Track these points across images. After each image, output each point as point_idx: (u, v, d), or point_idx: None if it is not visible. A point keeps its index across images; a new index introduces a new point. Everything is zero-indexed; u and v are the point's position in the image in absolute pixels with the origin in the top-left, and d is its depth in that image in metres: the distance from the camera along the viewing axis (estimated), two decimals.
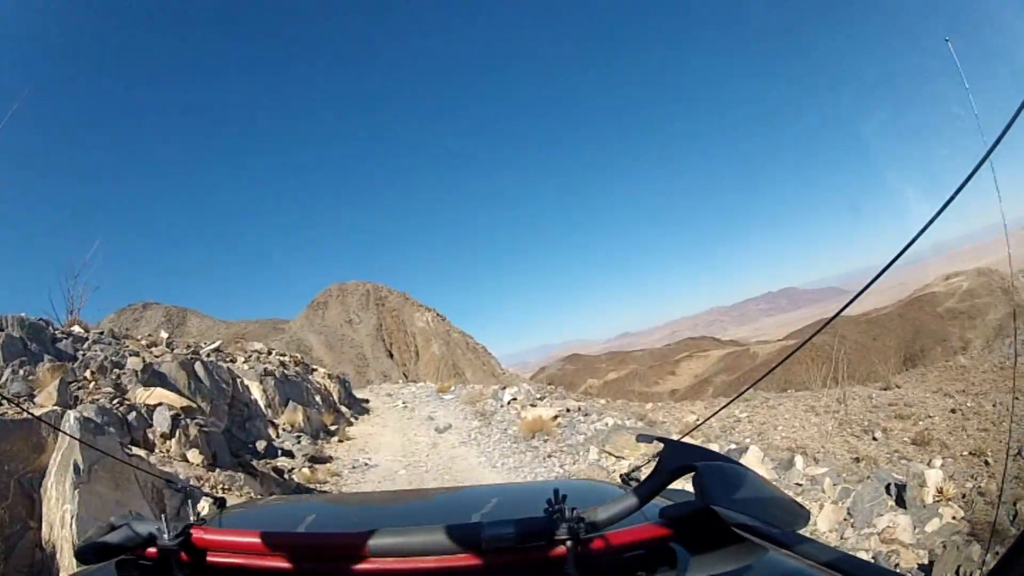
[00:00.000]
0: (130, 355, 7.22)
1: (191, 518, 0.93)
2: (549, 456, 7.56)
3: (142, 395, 5.40)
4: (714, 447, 7.57)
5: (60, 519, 3.62)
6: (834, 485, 7.21)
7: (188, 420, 5.07)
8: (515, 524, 0.74)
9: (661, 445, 0.88)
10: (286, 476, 6.81)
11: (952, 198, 0.91)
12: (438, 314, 47.36)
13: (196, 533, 0.81)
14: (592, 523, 0.74)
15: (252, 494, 4.72)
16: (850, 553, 0.89)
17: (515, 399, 12.11)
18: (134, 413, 4.94)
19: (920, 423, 15.17)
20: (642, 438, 1.33)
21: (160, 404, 5.11)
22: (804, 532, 0.84)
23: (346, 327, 44.50)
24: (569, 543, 0.71)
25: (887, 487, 7.17)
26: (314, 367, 13.88)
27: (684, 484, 0.87)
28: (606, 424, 11.49)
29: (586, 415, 13.01)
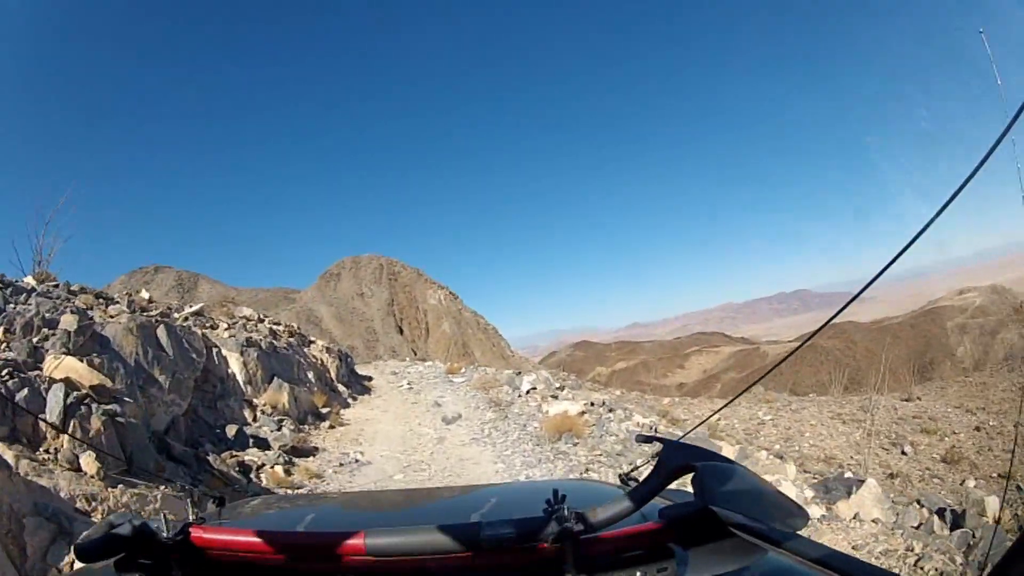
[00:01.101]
0: (71, 312, 5.83)
1: (190, 517, 0.93)
2: (587, 469, 5.99)
3: (50, 365, 3.96)
4: (789, 475, 5.99)
5: None
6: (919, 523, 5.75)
7: (93, 406, 3.61)
8: (514, 524, 0.73)
9: (660, 445, 0.91)
10: (252, 476, 5.39)
11: (951, 199, 0.91)
12: (451, 292, 47.19)
13: (195, 532, 0.80)
14: (591, 523, 0.73)
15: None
16: (849, 553, 0.85)
17: (534, 388, 10.63)
18: (26, 391, 3.50)
19: (946, 439, 14.50)
20: (641, 438, 1.29)
21: (63, 380, 3.67)
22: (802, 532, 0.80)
23: (357, 300, 44.73)
24: (568, 543, 0.71)
25: (940, 512, 6.51)
26: (311, 339, 12.47)
27: (684, 484, 0.88)
28: (638, 424, 9.99)
29: (611, 410, 11.57)
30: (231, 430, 6.63)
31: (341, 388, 11.05)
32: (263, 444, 6.41)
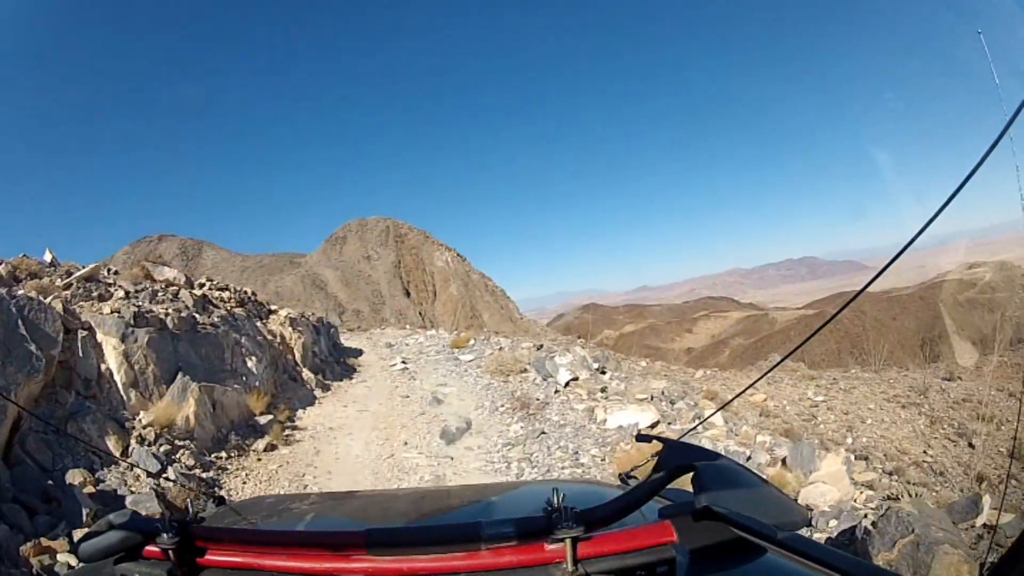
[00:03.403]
0: None
1: (190, 516, 0.92)
2: None
3: None
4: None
5: None
6: None
7: None
8: (515, 523, 0.73)
9: (660, 444, 0.90)
10: None
11: (951, 198, 0.91)
12: (458, 254, 46.20)
13: (196, 531, 0.80)
14: (591, 522, 0.72)
15: None
16: (849, 554, 0.80)
17: (575, 379, 7.71)
18: None
19: (1003, 428, 13.24)
20: (641, 438, 1.27)
21: None
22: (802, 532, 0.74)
23: (363, 263, 44.29)
24: (568, 542, 0.70)
25: None
26: (272, 308, 9.57)
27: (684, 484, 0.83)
28: (728, 433, 7.11)
29: (671, 403, 8.74)
30: (75, 477, 3.82)
31: (307, 375, 8.21)
32: (116, 508, 3.59)
